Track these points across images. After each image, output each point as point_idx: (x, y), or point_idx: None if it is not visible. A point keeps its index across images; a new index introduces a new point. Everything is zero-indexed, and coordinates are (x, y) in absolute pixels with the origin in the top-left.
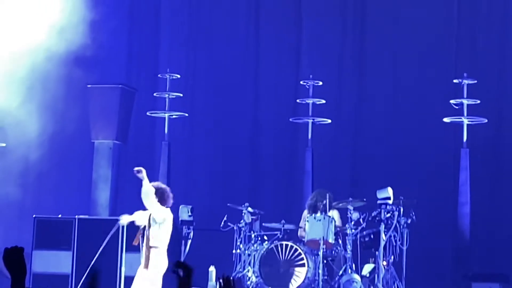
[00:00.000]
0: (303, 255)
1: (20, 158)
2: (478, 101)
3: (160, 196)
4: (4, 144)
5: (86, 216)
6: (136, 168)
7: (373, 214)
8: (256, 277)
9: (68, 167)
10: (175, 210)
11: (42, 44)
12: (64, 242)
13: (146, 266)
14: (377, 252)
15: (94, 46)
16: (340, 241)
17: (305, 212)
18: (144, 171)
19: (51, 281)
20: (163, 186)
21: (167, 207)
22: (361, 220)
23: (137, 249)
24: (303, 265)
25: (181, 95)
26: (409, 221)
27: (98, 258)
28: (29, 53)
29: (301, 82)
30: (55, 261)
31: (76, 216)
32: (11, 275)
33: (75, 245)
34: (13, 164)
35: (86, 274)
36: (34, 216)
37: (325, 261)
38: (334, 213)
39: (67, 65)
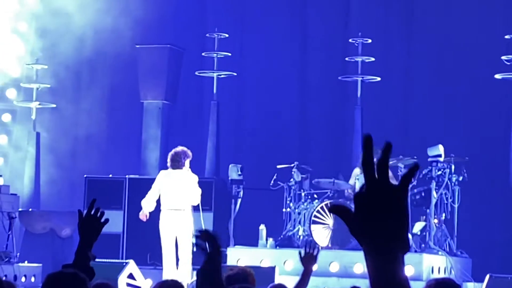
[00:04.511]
0: None
1: (71, 119)
2: None
3: None
4: (54, 105)
5: (137, 176)
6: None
7: (424, 172)
8: (307, 235)
9: (118, 128)
10: (225, 169)
11: (91, 4)
12: (115, 201)
13: None
14: (428, 210)
15: (142, 6)
16: None
17: (356, 170)
18: None
19: (102, 240)
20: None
21: None
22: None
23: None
24: None
25: (230, 54)
26: (460, 179)
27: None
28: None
29: (350, 40)
30: None
31: (127, 176)
32: (81, 237)
33: (126, 204)
34: (64, 125)
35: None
36: (85, 176)
37: None
38: None
39: (116, 25)
